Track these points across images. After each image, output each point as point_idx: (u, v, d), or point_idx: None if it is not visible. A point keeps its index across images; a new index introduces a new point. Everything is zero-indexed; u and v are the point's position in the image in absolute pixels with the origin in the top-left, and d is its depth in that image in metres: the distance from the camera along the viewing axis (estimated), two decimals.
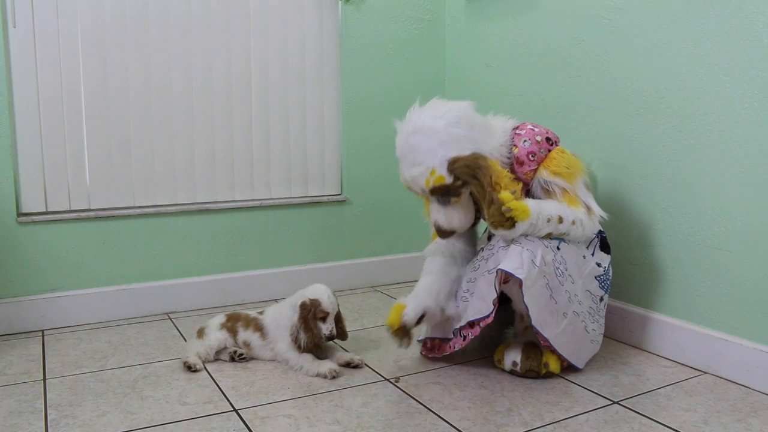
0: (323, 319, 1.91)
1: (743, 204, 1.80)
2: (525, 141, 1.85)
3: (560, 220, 1.79)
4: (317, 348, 1.93)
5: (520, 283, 1.73)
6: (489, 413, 1.65)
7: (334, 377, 1.86)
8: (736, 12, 1.78)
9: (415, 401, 1.72)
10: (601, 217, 1.88)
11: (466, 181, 1.78)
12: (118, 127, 2.42)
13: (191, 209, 2.55)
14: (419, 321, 1.93)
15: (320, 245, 2.81)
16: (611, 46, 2.15)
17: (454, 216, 1.84)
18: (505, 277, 1.77)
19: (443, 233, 1.88)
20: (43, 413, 1.66)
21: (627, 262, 2.14)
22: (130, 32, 2.40)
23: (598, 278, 1.91)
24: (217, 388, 1.80)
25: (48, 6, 2.27)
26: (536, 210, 1.76)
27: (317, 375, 1.87)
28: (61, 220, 2.34)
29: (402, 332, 1.91)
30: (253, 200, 2.68)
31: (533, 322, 1.76)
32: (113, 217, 2.42)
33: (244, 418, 1.62)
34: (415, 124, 1.78)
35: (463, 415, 1.63)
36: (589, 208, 1.85)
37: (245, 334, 2.00)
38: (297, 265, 2.75)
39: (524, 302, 1.74)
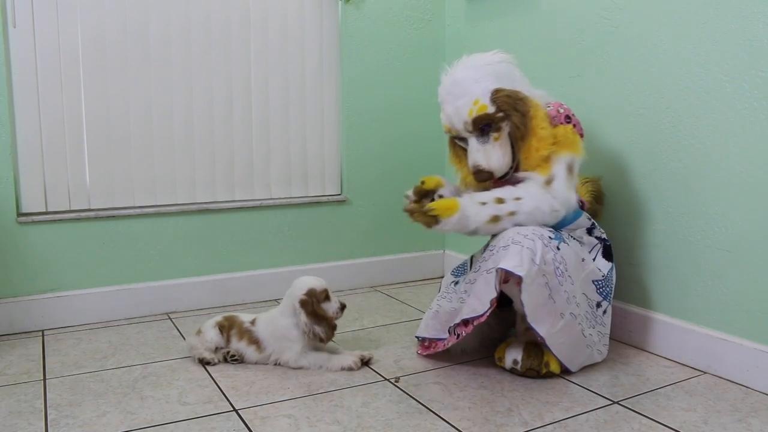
0: (327, 299, 1.93)
1: (743, 204, 1.80)
2: (549, 106, 1.93)
3: (499, 200, 1.83)
4: (333, 330, 1.94)
5: (519, 280, 1.73)
6: (489, 413, 1.65)
7: (360, 367, 1.91)
8: (736, 12, 1.78)
9: (415, 401, 1.72)
10: (564, 199, 1.85)
11: (506, 113, 1.83)
12: (118, 127, 2.42)
13: (191, 209, 2.55)
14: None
15: (320, 245, 2.81)
16: (611, 46, 2.15)
17: (493, 155, 1.87)
18: (505, 277, 1.77)
19: (481, 173, 1.89)
20: (43, 413, 1.66)
21: (627, 262, 2.14)
22: (130, 32, 2.40)
23: (596, 282, 1.91)
24: (217, 388, 1.80)
25: (48, 6, 2.27)
26: (466, 202, 1.82)
27: (342, 369, 1.90)
28: (61, 220, 2.34)
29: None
30: (253, 200, 2.68)
31: (528, 319, 1.77)
32: (113, 217, 2.42)
33: (244, 418, 1.62)
34: (463, 62, 1.91)
35: (463, 415, 1.63)
36: (550, 181, 1.85)
37: (238, 345, 1.98)
38: (297, 265, 2.75)
39: (521, 299, 1.74)
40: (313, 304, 1.90)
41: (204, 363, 1.95)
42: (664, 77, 1.99)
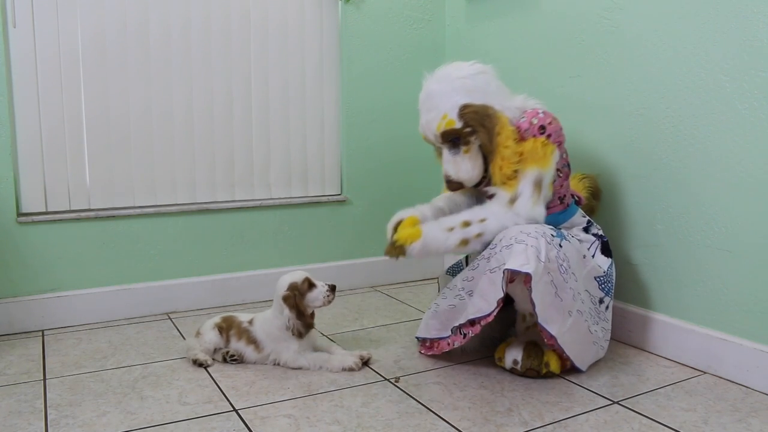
0: (312, 287, 1.93)
1: (743, 204, 1.80)
2: (522, 118, 1.89)
3: (466, 224, 1.86)
4: (309, 327, 1.94)
5: (527, 279, 1.73)
6: (489, 413, 1.65)
7: (361, 367, 1.91)
8: (736, 12, 1.78)
9: (415, 401, 1.72)
10: (529, 217, 1.84)
11: (474, 129, 1.85)
12: (118, 127, 2.42)
13: (191, 209, 2.55)
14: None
15: (320, 245, 2.82)
16: (611, 46, 2.15)
17: (462, 166, 1.89)
18: (510, 277, 1.77)
19: (451, 184, 1.93)
20: (43, 413, 1.66)
21: (627, 262, 2.14)
22: (130, 32, 2.40)
23: (598, 279, 1.92)
24: (217, 388, 1.80)
25: (48, 6, 2.27)
26: (432, 228, 1.86)
27: (343, 370, 1.90)
28: (61, 220, 2.34)
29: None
30: (253, 200, 2.68)
31: (539, 319, 1.76)
32: (113, 217, 2.42)
33: (244, 418, 1.62)
34: (438, 74, 1.92)
35: (463, 415, 1.63)
36: (514, 199, 1.85)
37: (237, 345, 1.99)
38: (297, 265, 2.75)
39: (531, 298, 1.74)
40: (296, 297, 1.91)
41: (198, 364, 1.95)
42: (664, 77, 1.99)
